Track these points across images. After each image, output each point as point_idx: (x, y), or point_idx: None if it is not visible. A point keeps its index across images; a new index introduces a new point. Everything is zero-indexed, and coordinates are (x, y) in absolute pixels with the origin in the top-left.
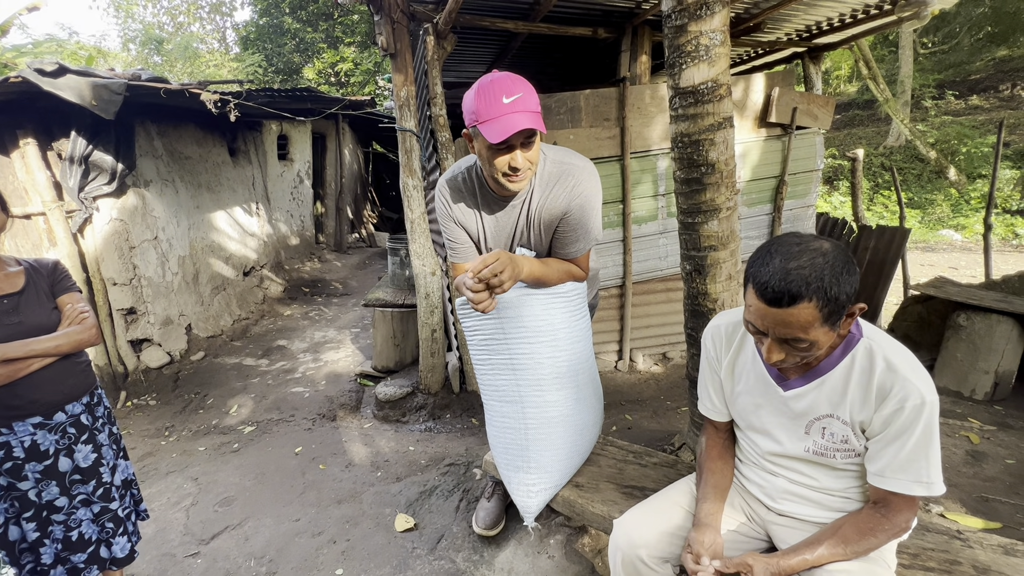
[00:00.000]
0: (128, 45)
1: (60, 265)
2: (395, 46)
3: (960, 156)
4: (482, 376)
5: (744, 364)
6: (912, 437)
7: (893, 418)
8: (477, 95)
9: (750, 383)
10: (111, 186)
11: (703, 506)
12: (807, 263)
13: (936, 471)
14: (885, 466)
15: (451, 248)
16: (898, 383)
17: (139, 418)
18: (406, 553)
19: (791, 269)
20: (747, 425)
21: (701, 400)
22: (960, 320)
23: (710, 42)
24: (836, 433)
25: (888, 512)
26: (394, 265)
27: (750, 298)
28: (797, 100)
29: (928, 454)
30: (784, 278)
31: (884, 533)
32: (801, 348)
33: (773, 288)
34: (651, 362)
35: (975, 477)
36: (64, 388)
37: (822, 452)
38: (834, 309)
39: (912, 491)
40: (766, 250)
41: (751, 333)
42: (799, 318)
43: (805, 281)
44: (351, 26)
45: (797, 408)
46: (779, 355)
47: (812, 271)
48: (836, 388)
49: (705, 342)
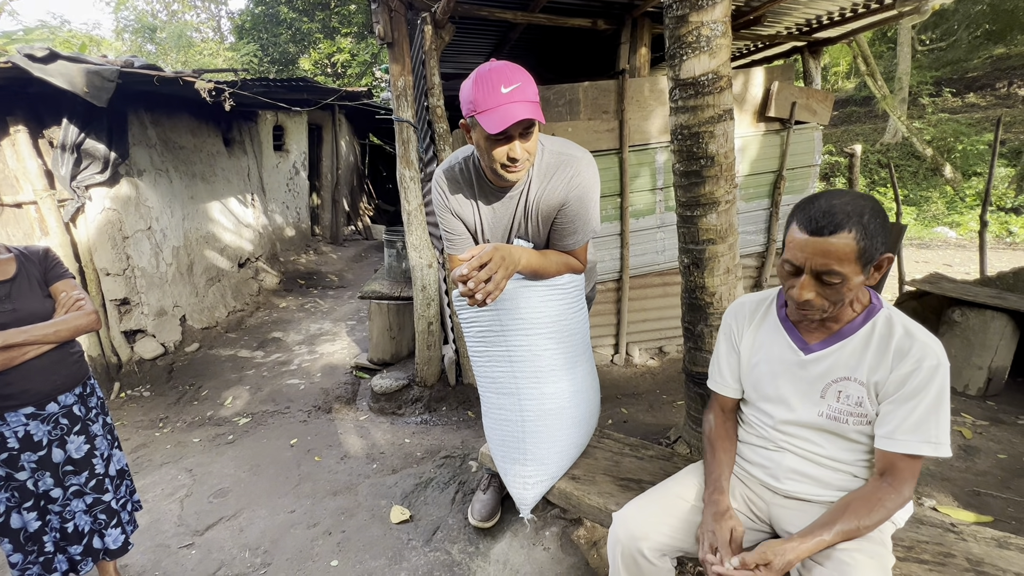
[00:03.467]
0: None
1: (51, 252)
2: (392, 35)
3: (956, 154)
4: (479, 368)
5: (767, 333)
6: (926, 398)
7: (909, 378)
8: (475, 84)
9: (771, 352)
10: (104, 175)
11: (720, 496)
12: (849, 200)
13: (945, 432)
14: (895, 428)
15: (448, 240)
16: (916, 345)
17: (133, 409)
18: (401, 545)
19: (835, 204)
20: (761, 396)
21: (712, 376)
22: (955, 316)
23: (711, 33)
24: (852, 395)
25: (894, 481)
26: (390, 257)
27: (792, 234)
28: (796, 95)
29: (938, 416)
30: (829, 210)
31: (892, 503)
32: (833, 285)
33: (817, 219)
34: (647, 356)
35: (967, 471)
36: (56, 378)
37: (835, 416)
38: (869, 246)
39: (920, 451)
40: (810, 197)
41: (785, 277)
42: (838, 247)
43: (847, 213)
44: (348, 16)
45: (816, 371)
46: (810, 293)
47: (854, 207)
48: (856, 351)
49: (727, 318)
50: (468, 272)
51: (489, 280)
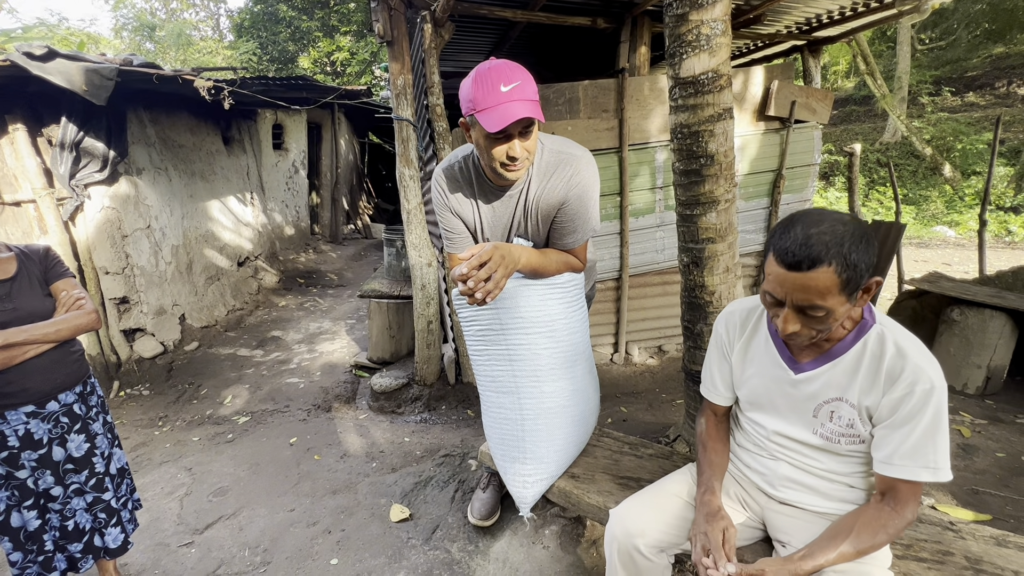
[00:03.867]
0: (120, 32)
1: (51, 251)
2: (392, 33)
3: (955, 153)
4: (478, 367)
5: (757, 347)
6: (921, 423)
7: (902, 403)
8: (475, 83)
9: (762, 366)
10: (103, 173)
11: (712, 497)
12: (828, 230)
13: (944, 456)
14: (892, 452)
15: (447, 238)
16: (908, 368)
17: (132, 408)
18: (401, 543)
19: (812, 234)
20: (754, 407)
21: (704, 383)
22: (954, 315)
23: (711, 31)
24: (843, 416)
25: (896, 504)
26: (390, 256)
27: (770, 266)
28: (796, 93)
29: (936, 440)
30: (805, 243)
31: (894, 527)
32: (817, 317)
33: (794, 252)
34: (647, 355)
35: (966, 470)
36: (56, 377)
37: (828, 436)
38: (852, 276)
39: (919, 477)
40: (788, 220)
41: (767, 306)
42: (818, 283)
43: (825, 245)
44: (347, 14)
45: (807, 391)
46: (795, 325)
47: (832, 237)
48: (846, 372)
49: (717, 327)
50: (468, 271)
51: (489, 279)
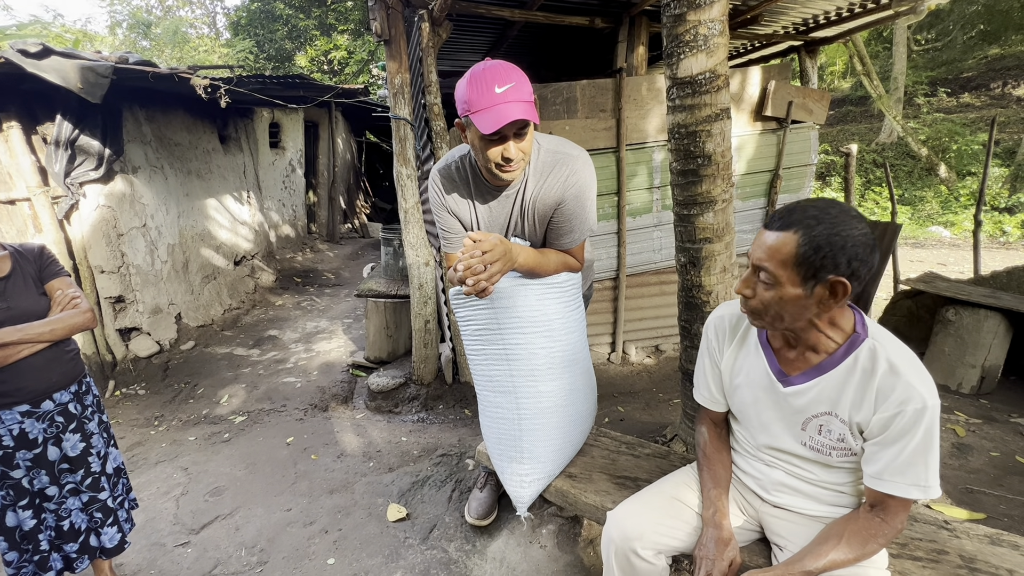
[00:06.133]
0: (115, 29)
1: (46, 250)
2: (390, 32)
3: (951, 153)
4: (476, 366)
5: (746, 357)
6: (912, 441)
7: (893, 421)
8: (469, 84)
9: (751, 377)
10: (98, 172)
11: (723, 520)
12: (822, 209)
13: (934, 475)
14: (883, 469)
15: (444, 238)
16: (900, 386)
17: (128, 407)
18: (398, 543)
19: (801, 206)
20: (745, 418)
21: (698, 388)
22: (948, 315)
23: (709, 32)
24: (833, 431)
25: (886, 515)
26: (387, 255)
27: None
28: (793, 94)
29: (927, 459)
30: (793, 208)
31: (884, 537)
32: (765, 283)
33: (779, 214)
34: (644, 354)
35: (960, 469)
36: (51, 376)
37: (818, 449)
38: (812, 257)
39: (908, 494)
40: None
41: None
42: (776, 244)
43: (805, 216)
44: (344, 13)
45: (796, 404)
46: (748, 287)
47: (820, 215)
48: (836, 387)
49: (707, 332)
50: (472, 251)
51: (484, 269)
